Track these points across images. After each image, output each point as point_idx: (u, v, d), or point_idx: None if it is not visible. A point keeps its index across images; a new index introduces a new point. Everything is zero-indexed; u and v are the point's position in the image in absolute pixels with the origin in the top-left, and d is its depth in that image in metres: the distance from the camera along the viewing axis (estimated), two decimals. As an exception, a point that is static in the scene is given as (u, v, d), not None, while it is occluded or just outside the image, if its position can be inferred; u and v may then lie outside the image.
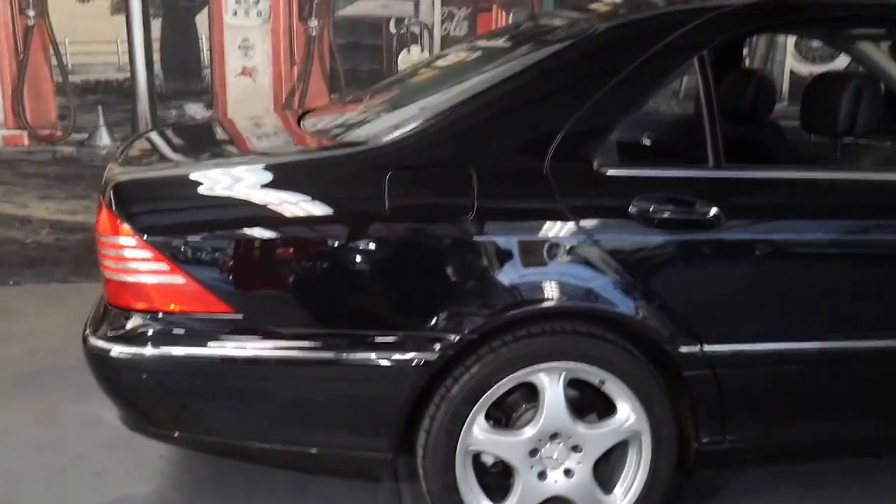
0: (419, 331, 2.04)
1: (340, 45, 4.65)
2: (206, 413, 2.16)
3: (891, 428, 2.43)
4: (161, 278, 2.02)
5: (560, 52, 2.28)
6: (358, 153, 2.13)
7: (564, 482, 2.20)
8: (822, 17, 2.53)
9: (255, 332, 2.04)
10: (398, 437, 2.12)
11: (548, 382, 2.12)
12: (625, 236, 2.10)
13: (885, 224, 2.27)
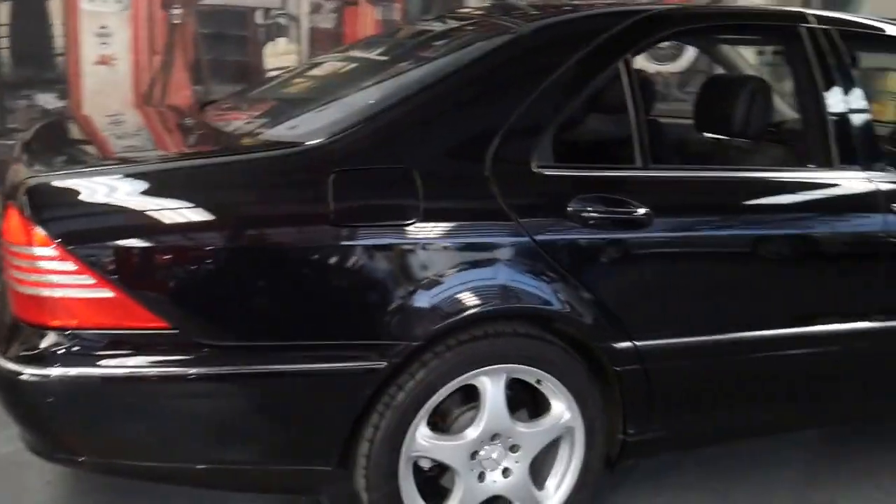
0: (366, 339, 2.00)
1: (205, 35, 4.46)
2: (136, 436, 2.01)
3: (803, 408, 2.63)
4: (85, 292, 1.87)
5: (491, 52, 2.29)
6: (296, 154, 2.04)
7: (503, 482, 2.22)
8: (728, 25, 2.68)
9: (194, 347, 1.92)
10: (344, 449, 2.06)
11: (490, 385, 2.13)
12: (563, 236, 2.14)
13: (798, 219, 2.43)
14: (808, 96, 2.56)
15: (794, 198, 2.46)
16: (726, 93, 2.60)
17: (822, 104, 2.51)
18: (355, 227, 1.98)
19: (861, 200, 2.49)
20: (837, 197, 2.50)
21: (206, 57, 4.47)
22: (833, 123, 2.50)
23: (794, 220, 2.43)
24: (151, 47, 4.38)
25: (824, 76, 2.52)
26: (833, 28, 2.58)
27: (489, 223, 2.09)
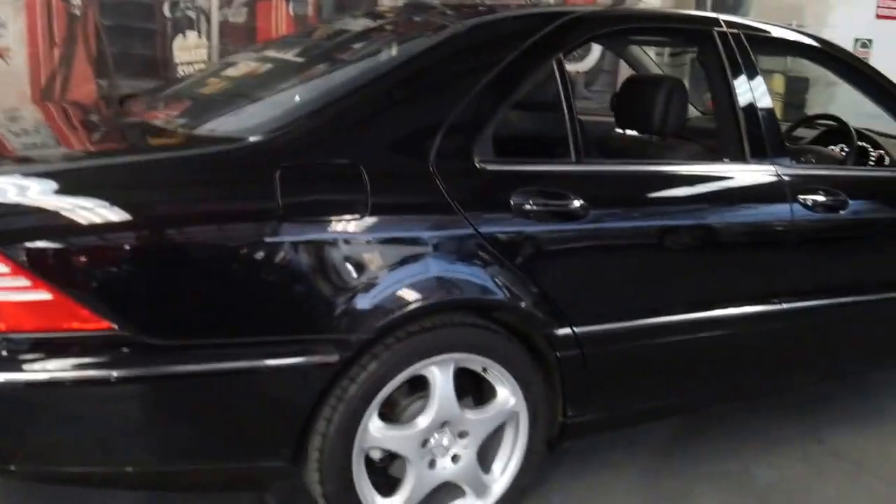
0: (318, 333, 2.02)
1: (108, 26, 4.35)
2: (78, 440, 1.96)
3: (728, 383, 2.81)
4: (20, 295, 1.81)
5: (431, 49, 2.35)
6: (238, 149, 2.05)
7: (452, 468, 2.29)
8: (649, 27, 2.82)
9: (140, 347, 1.89)
10: (298, 445, 2.08)
11: (439, 374, 2.19)
12: (506, 229, 2.22)
13: (716, 210, 2.60)
14: (721, 95, 2.72)
15: (712, 189, 2.62)
16: (645, 92, 2.73)
17: (735, 102, 2.67)
18: (304, 222, 1.99)
19: (771, 192, 2.67)
20: (750, 188, 2.67)
21: (111, 50, 4.35)
22: (744, 120, 2.67)
23: (712, 211, 2.59)
24: (50, 39, 4.24)
25: (735, 76, 2.69)
26: (741, 32, 2.76)
27: (435, 217, 2.14)
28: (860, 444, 3.07)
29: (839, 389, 3.45)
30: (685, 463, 2.87)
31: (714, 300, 2.59)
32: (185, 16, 4.50)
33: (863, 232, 2.91)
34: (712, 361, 2.70)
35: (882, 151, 3.32)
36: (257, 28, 4.69)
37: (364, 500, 2.18)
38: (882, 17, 6.97)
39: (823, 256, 2.82)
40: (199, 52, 4.54)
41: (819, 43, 3.05)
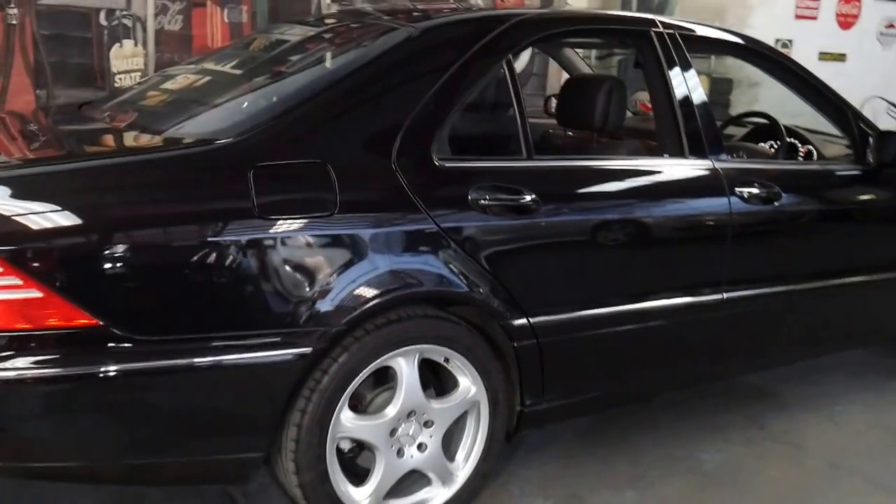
0: (293, 327, 2.12)
1: (46, 36, 4.37)
2: (63, 435, 2.04)
3: (676, 371, 3.00)
4: (11, 294, 1.89)
5: (388, 52, 2.48)
6: (211, 151, 2.16)
7: (419, 456, 2.41)
8: (590, 29, 3.01)
9: (125, 343, 1.97)
10: (273, 435, 2.19)
11: (405, 365, 2.32)
12: (465, 223, 2.36)
13: (659, 203, 2.77)
14: (660, 93, 2.90)
15: (655, 184, 2.80)
16: (587, 92, 2.89)
17: (673, 100, 2.86)
18: (278, 219, 2.10)
19: (709, 185, 2.86)
20: (690, 182, 2.86)
21: (48, 60, 4.38)
22: (682, 117, 2.86)
23: (656, 204, 2.76)
24: (-14, 49, 4.26)
25: (672, 75, 2.87)
26: (676, 32, 2.95)
27: (399, 213, 2.27)
28: (798, 429, 3.29)
29: (776, 378, 3.67)
30: (637, 450, 3.03)
31: (659, 290, 2.76)
32: (121, 24, 4.54)
33: (796, 222, 3.12)
34: (661, 349, 2.87)
35: (810, 147, 3.57)
36: (193, 35, 4.76)
37: (337, 489, 2.29)
38: (800, 17, 7.37)
39: (760, 246, 3.02)
40: (135, 61, 4.59)
41: (749, 42, 3.26)
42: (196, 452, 2.17)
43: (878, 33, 8.07)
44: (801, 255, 3.14)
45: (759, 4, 6.93)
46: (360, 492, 2.35)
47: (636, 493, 2.78)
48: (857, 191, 3.34)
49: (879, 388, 3.72)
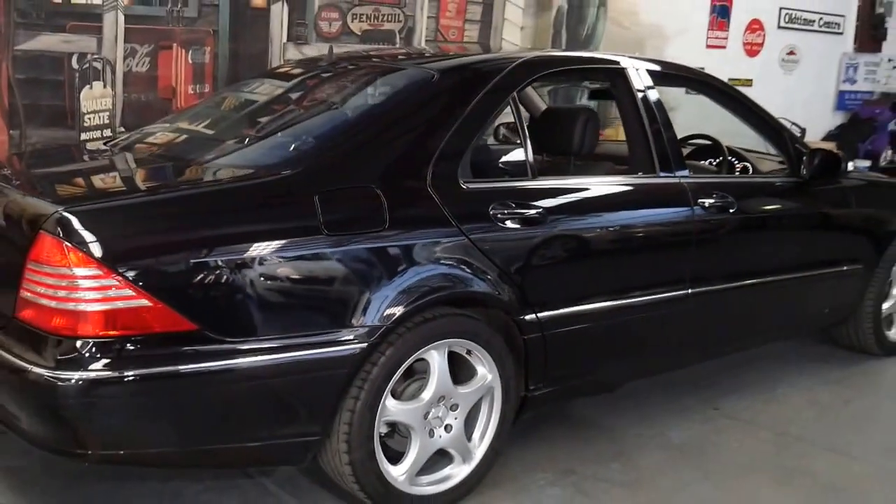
0: (350, 327, 2.60)
1: (20, 79, 4.72)
2: (164, 426, 2.47)
3: (655, 356, 3.61)
4: (125, 304, 2.34)
5: (416, 91, 3.05)
6: (283, 179, 2.66)
7: (446, 436, 2.90)
8: (577, 68, 3.64)
9: (216, 344, 2.43)
10: (330, 420, 2.67)
11: (437, 356, 2.82)
12: (488, 234, 2.89)
13: (639, 213, 3.40)
14: (633, 120, 3.50)
15: (636, 197, 3.43)
16: (564, 121, 3.48)
17: (644, 126, 3.46)
18: (341, 235, 2.61)
19: (677, 197, 3.48)
20: (663, 195, 3.48)
21: (23, 102, 4.73)
22: (653, 141, 3.46)
23: (636, 213, 3.38)
24: (-36, 93, 4.59)
25: (643, 105, 3.48)
26: (645, 68, 3.59)
27: (435, 227, 2.80)
28: (748, 407, 3.92)
29: (724, 366, 4.31)
30: (612, 430, 3.60)
31: (639, 287, 3.35)
32: (91, 67, 4.90)
33: (747, 227, 3.76)
34: (639, 339, 3.46)
35: (746, 163, 4.27)
36: (159, 76, 5.16)
37: (381, 466, 2.77)
38: (711, 46, 8.25)
39: (718, 248, 3.64)
40: (104, 101, 4.95)
41: (702, 76, 4.00)
42: (269, 437, 2.62)
43: (781, 60, 9.03)
44: (752, 255, 3.79)
45: (673, 36, 7.73)
46: (398, 469, 2.83)
47: (620, 465, 3.34)
48: (794, 199, 4.04)
49: (813, 372, 4.42)
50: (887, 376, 4.50)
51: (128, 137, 3.55)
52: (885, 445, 3.67)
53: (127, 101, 5.05)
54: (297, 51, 5.65)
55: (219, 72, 5.35)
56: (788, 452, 3.53)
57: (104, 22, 4.94)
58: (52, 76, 4.82)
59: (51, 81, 4.82)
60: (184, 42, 5.20)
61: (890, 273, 4.49)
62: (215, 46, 5.32)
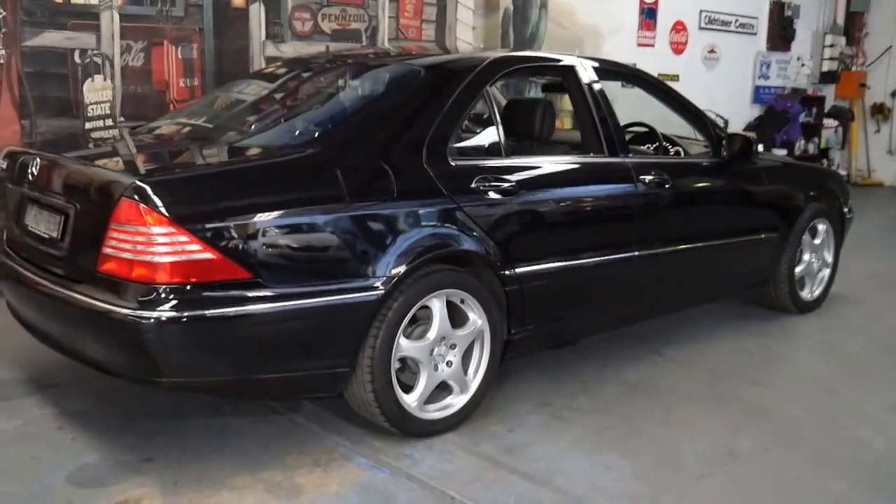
0: (374, 277, 3.14)
1: (29, 73, 5.13)
2: (223, 357, 2.97)
3: (615, 310, 4.22)
4: (193, 256, 2.84)
5: (406, 85, 3.60)
6: (310, 156, 3.19)
7: (447, 370, 3.46)
8: (534, 68, 4.21)
9: (266, 290, 2.95)
10: (356, 355, 3.20)
11: (438, 303, 3.37)
12: (474, 203, 3.45)
13: (593, 187, 3.99)
14: (583, 109, 4.10)
15: (590, 174, 4.02)
16: (526, 110, 4.07)
17: (593, 115, 4.06)
18: (360, 203, 3.15)
19: (622, 174, 4.09)
20: (610, 172, 4.08)
21: (31, 93, 5.14)
22: (601, 127, 4.07)
23: (590, 186, 3.98)
24: (-19, 86, 4.98)
25: (591, 97, 4.08)
26: (592, 65, 4.20)
27: (434, 198, 3.34)
28: (686, 354, 4.56)
29: (665, 323, 4.97)
30: (578, 373, 4.20)
31: (595, 248, 3.95)
32: (92, 62, 5.31)
33: (683, 199, 4.39)
34: (597, 293, 4.07)
35: (677, 147, 4.92)
36: (152, 70, 5.61)
37: (397, 393, 3.31)
38: (641, 45, 8.97)
39: (657, 217, 4.24)
40: (104, 93, 5.38)
41: (639, 72, 4.61)
42: (308, 368, 3.14)
43: (703, 57, 9.82)
44: (685, 224, 4.44)
45: (608, 35, 8.41)
46: (410, 397, 3.37)
47: (586, 398, 3.94)
48: (717, 177, 4.69)
49: (740, 326, 5.10)
50: (800, 328, 5.20)
51: (160, 124, 4.03)
52: (795, 379, 4.36)
53: (125, 92, 5.50)
54: (275, 48, 6.15)
55: (206, 66, 5.82)
56: (720, 386, 4.17)
57: (101, 20, 5.39)
58: (56, 70, 5.24)
59: (56, 75, 5.25)
60: (173, 39, 5.68)
61: (800, 241, 5.19)
62: (202, 43, 5.80)
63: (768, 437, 3.61)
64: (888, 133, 12.03)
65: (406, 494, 3.04)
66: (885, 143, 12.09)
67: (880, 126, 12.10)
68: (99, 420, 3.54)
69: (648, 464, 3.33)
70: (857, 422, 3.81)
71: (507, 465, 3.27)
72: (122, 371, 3.03)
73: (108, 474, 3.11)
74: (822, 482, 3.25)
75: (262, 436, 3.44)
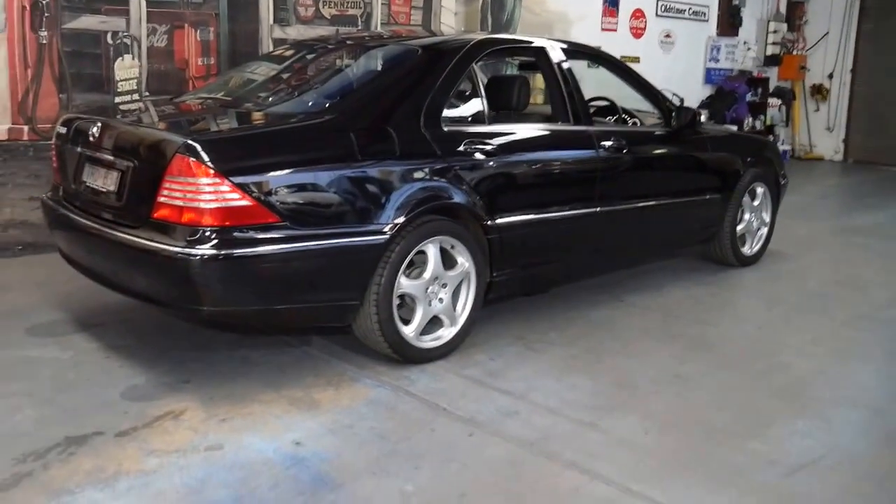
0: (380, 223, 3.42)
1: (67, 52, 5.34)
2: (255, 290, 3.25)
3: (576, 263, 4.53)
4: (233, 203, 3.11)
5: (407, 61, 3.87)
6: (328, 121, 3.47)
7: (439, 306, 3.75)
8: (512, 49, 4.49)
9: (293, 231, 3.23)
10: (364, 290, 3.49)
11: (432, 248, 3.66)
12: (462, 162, 3.74)
13: (561, 150, 4.29)
14: (554, 85, 4.38)
15: (558, 139, 4.31)
16: (506, 84, 4.33)
17: (562, 89, 4.35)
18: (370, 161, 3.43)
19: (586, 140, 4.37)
20: (576, 138, 4.36)
21: (69, 71, 5.36)
22: (568, 100, 4.35)
23: (559, 151, 4.27)
24: (25, 63, 5.19)
25: (560, 74, 4.37)
26: (560, 46, 4.47)
27: (430, 158, 3.62)
28: (644, 299, 4.87)
29: (628, 274, 5.31)
30: (549, 314, 4.51)
31: (561, 203, 4.24)
32: (122, 42, 5.53)
33: (638, 163, 4.68)
34: (565, 244, 4.37)
35: (634, 119, 5.22)
36: (174, 50, 5.83)
37: (398, 325, 3.60)
38: (605, 29, 9.22)
39: (616, 178, 4.53)
40: (133, 71, 5.60)
41: (600, 52, 4.90)
42: (325, 300, 3.43)
43: (660, 42, 10.09)
44: (640, 184, 4.74)
45: (576, 21, 8.66)
46: (408, 328, 3.66)
47: (556, 334, 4.25)
48: (668, 144, 4.98)
49: (690, 277, 5.42)
50: (742, 279, 5.53)
51: (191, 97, 4.28)
52: (735, 319, 4.71)
53: (150, 70, 5.71)
54: (282, 31, 6.36)
55: (221, 47, 6.04)
56: (671, 324, 4.50)
57: (131, 5, 5.59)
58: (91, 50, 5.45)
59: (90, 54, 5.45)
60: (193, 23, 5.89)
61: (741, 202, 5.49)
62: (217, 26, 6.01)
63: (710, 364, 3.94)
64: (826, 112, 12.36)
65: (405, 405, 3.35)
66: (823, 121, 12.42)
67: (819, 105, 12.42)
68: (140, 351, 3.81)
69: (607, 384, 3.65)
70: (783, 351, 4.15)
71: (489, 384, 3.58)
72: (169, 301, 3.31)
73: (154, 392, 3.40)
74: (752, 397, 3.59)
75: (280, 364, 3.73)
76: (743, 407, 3.48)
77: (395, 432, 3.12)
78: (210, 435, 3.04)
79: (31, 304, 4.42)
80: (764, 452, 3.08)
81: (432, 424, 3.19)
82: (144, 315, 4.20)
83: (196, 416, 3.18)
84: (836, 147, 12.34)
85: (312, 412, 3.25)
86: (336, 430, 3.11)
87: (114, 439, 2.98)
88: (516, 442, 3.08)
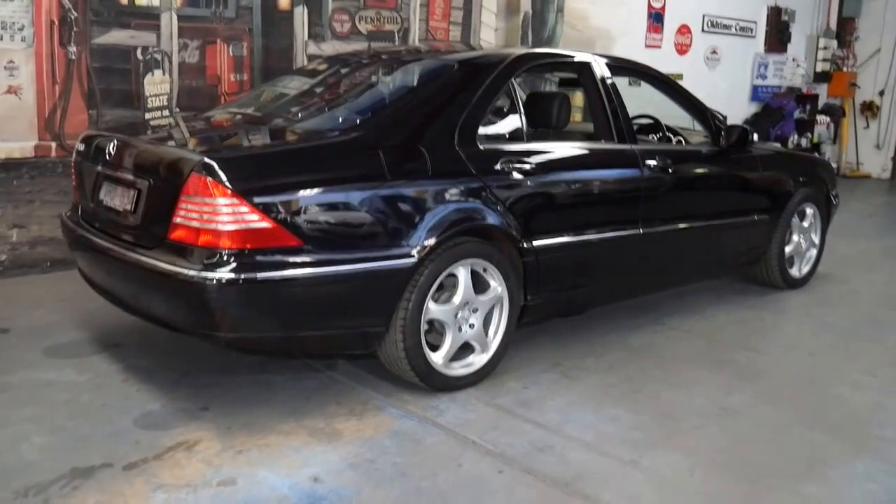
0: (409, 246, 3.23)
1: (96, 68, 5.26)
2: (274, 316, 3.07)
3: (622, 284, 4.29)
4: (252, 225, 2.94)
5: (441, 77, 3.67)
6: (355, 138, 3.28)
7: (470, 332, 3.55)
8: (554, 63, 4.29)
9: (314, 256, 3.04)
10: (390, 316, 3.30)
11: (463, 271, 3.46)
12: (498, 182, 3.54)
13: (605, 170, 4.06)
14: (597, 102, 4.16)
15: (602, 158, 4.09)
16: (546, 101, 4.13)
17: (605, 106, 4.13)
18: (399, 181, 3.24)
19: (631, 159, 4.15)
20: (620, 157, 4.14)
21: (98, 86, 5.27)
22: (612, 117, 4.13)
23: (601, 170, 4.05)
24: (53, 79, 5.10)
25: (605, 90, 4.15)
26: (606, 62, 4.26)
27: (464, 177, 3.43)
28: (685, 323, 4.63)
29: (665, 297, 5.05)
30: (586, 339, 4.29)
31: (604, 224, 4.03)
32: (152, 58, 5.43)
33: (684, 183, 4.45)
34: (605, 267, 4.13)
35: (679, 137, 4.98)
36: (206, 66, 5.72)
37: (425, 351, 3.41)
38: (649, 46, 8.99)
39: (660, 198, 4.30)
40: (163, 86, 5.50)
41: (649, 69, 4.66)
42: (347, 327, 3.24)
43: (705, 58, 9.84)
44: (685, 205, 4.50)
45: (618, 37, 8.44)
46: (437, 355, 3.46)
47: (593, 360, 4.03)
48: (715, 164, 4.74)
49: (735, 300, 5.16)
50: (789, 303, 5.25)
51: (216, 113, 4.14)
52: (784, 346, 4.41)
53: (181, 86, 5.61)
54: (316, 47, 6.24)
55: (255, 63, 5.93)
56: (716, 350, 4.25)
57: (161, 20, 5.49)
58: (120, 65, 5.36)
59: (120, 70, 5.36)
60: (225, 38, 5.78)
61: (790, 223, 5.23)
62: (251, 42, 5.90)
63: (758, 395, 3.68)
64: (876, 129, 11.98)
65: (432, 438, 3.14)
66: (873, 139, 12.04)
67: (869, 122, 12.05)
68: (159, 374, 3.66)
69: (648, 416, 3.41)
70: (836, 382, 3.88)
71: (522, 415, 3.37)
72: (186, 327, 3.14)
73: (169, 419, 3.23)
74: (803, 432, 3.32)
75: (303, 389, 3.55)
76: (796, 445, 3.22)
77: (420, 468, 2.91)
78: (224, 468, 2.86)
79: (54, 322, 4.30)
80: (822, 498, 2.82)
81: (460, 459, 2.98)
82: (166, 334, 4.00)
83: (211, 448, 3.00)
84: (883, 164, 11.99)
85: (333, 444, 3.06)
86: (357, 465, 2.91)
87: (122, 472, 2.81)
88: (550, 481, 2.85)
